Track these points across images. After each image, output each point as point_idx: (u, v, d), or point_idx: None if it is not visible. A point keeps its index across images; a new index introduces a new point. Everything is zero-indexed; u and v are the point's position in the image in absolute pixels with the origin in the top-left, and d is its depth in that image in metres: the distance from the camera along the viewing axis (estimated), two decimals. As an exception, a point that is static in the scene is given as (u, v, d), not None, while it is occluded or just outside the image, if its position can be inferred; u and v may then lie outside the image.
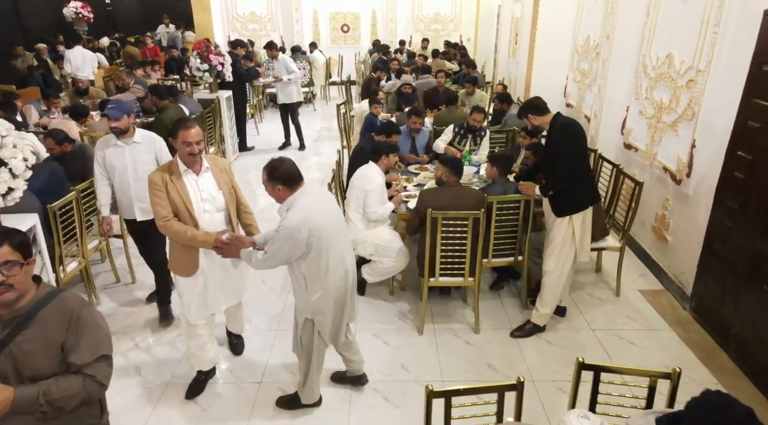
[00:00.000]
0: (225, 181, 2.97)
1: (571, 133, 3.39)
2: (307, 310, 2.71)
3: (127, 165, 3.53)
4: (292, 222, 2.48)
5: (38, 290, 1.83)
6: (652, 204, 4.55)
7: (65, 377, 1.78)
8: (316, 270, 2.59)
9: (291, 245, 2.50)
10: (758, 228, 3.22)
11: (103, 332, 1.87)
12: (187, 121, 2.85)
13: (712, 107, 3.74)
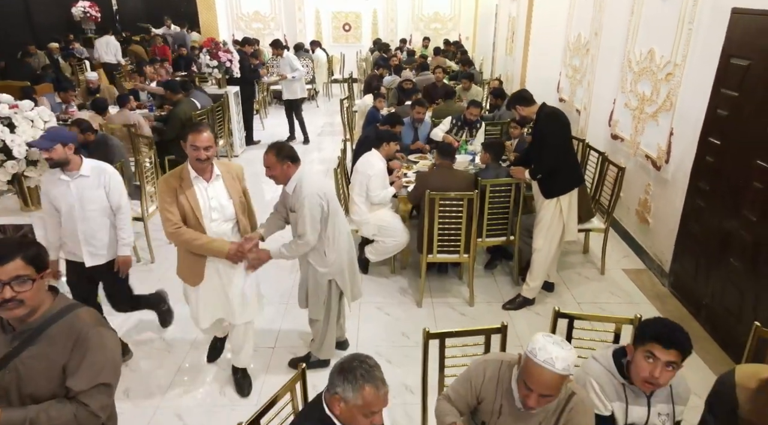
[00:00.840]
0: (236, 189, 2.85)
1: (556, 121, 3.72)
2: (329, 273, 3.06)
3: (73, 203, 2.92)
4: (311, 190, 2.82)
5: (53, 303, 1.74)
6: (635, 190, 4.88)
7: (58, 403, 1.69)
8: (332, 233, 2.95)
9: (317, 212, 2.84)
10: (726, 207, 3.55)
11: (109, 357, 1.75)
12: (198, 125, 2.72)
13: (687, 97, 4.07)
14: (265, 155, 2.86)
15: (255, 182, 7.03)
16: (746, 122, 3.35)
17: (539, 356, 1.69)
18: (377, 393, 1.63)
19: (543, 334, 1.74)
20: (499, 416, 1.86)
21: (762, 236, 3.19)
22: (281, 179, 2.90)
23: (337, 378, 1.66)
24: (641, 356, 1.87)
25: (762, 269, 3.19)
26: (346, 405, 1.64)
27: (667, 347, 1.81)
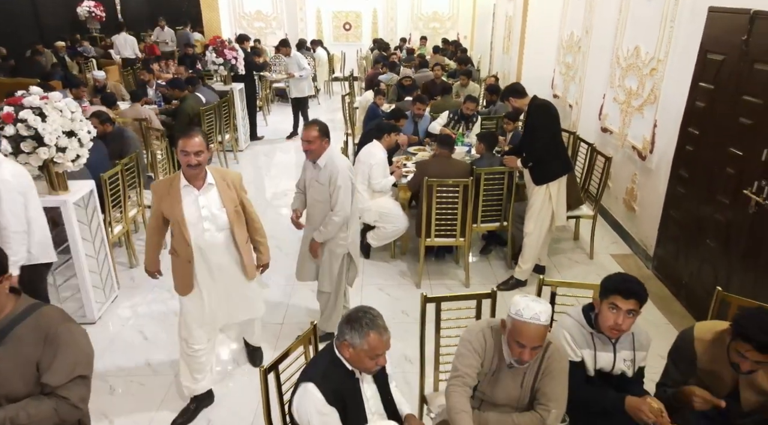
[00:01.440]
0: (231, 198, 2.75)
1: (545, 113, 3.98)
2: (345, 246, 3.34)
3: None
4: (343, 166, 3.16)
5: (16, 305, 1.76)
6: (623, 180, 5.15)
7: (36, 400, 1.71)
8: (352, 209, 3.25)
9: (348, 185, 3.15)
10: (703, 192, 3.81)
11: (82, 351, 1.78)
12: (190, 130, 2.62)
13: (669, 91, 4.33)
14: (307, 130, 3.10)
15: (258, 175, 7.32)
16: (721, 113, 3.61)
17: (525, 314, 1.94)
18: (381, 339, 1.89)
19: (521, 296, 2.00)
20: (494, 374, 2.12)
21: (733, 217, 3.45)
22: (317, 154, 3.14)
23: (345, 327, 1.93)
24: (606, 307, 2.13)
25: (733, 249, 3.45)
26: (354, 349, 1.90)
27: (626, 297, 2.08)
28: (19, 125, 3.16)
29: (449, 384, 2.07)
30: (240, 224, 2.82)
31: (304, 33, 13.62)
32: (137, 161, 4.65)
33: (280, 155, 8.11)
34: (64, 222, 3.52)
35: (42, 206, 3.14)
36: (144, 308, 4.07)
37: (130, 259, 4.62)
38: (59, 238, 3.61)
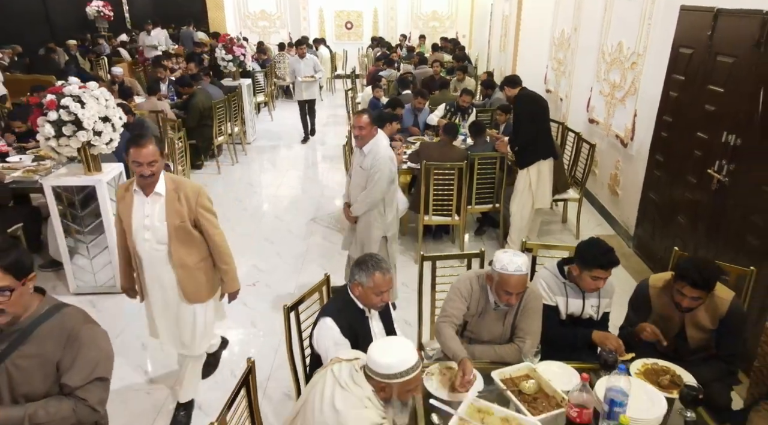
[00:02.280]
0: (178, 212, 2.51)
1: (528, 102, 4.39)
2: (384, 229, 3.68)
3: None
4: (386, 154, 3.51)
5: (41, 304, 1.78)
6: (607, 167, 5.54)
7: (56, 400, 1.72)
8: (391, 195, 3.61)
9: (387, 173, 3.47)
10: (675, 174, 4.20)
11: (102, 353, 1.79)
12: (141, 138, 2.45)
13: (647, 82, 4.71)
14: (359, 117, 3.46)
15: (265, 169, 7.68)
16: (689, 101, 4.00)
17: (510, 268, 2.31)
18: (384, 277, 2.27)
19: (502, 251, 2.38)
20: (480, 316, 2.51)
21: (700, 195, 3.84)
22: (366, 140, 3.50)
23: (355, 269, 2.32)
24: (589, 278, 2.50)
25: (699, 224, 3.84)
26: (363, 288, 2.29)
27: (607, 269, 2.46)
28: (61, 111, 3.55)
29: (439, 322, 2.46)
30: (184, 243, 2.57)
31: (307, 32, 14.01)
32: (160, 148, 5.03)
33: (285, 151, 8.46)
34: (98, 199, 3.91)
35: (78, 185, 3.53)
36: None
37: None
38: (92, 214, 4.00)
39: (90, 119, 3.61)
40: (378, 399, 1.83)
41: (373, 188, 3.52)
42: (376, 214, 3.66)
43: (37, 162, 4.79)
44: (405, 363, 1.79)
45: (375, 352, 1.84)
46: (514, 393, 2.14)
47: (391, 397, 1.83)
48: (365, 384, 1.85)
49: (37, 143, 5.23)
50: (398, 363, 1.78)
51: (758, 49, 3.21)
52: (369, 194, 3.56)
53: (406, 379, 1.79)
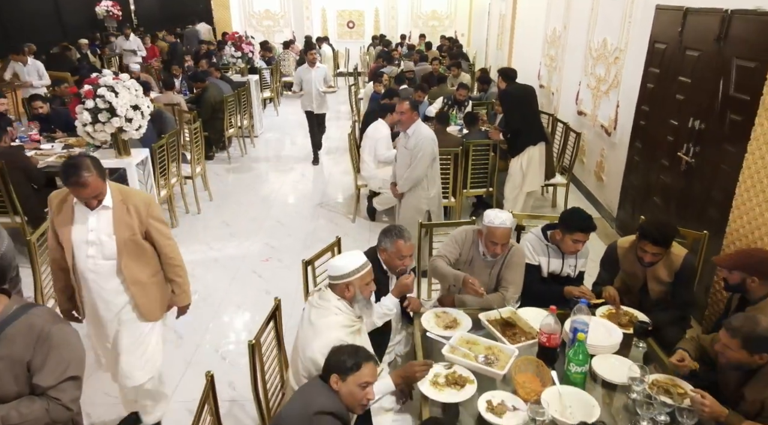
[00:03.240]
0: (128, 225, 2.37)
1: (514, 96, 4.83)
2: (428, 204, 4.11)
3: None
4: (428, 135, 3.96)
5: (6, 306, 1.75)
6: (594, 155, 5.95)
7: (28, 400, 1.71)
8: (433, 172, 4.07)
9: (429, 149, 3.91)
10: (651, 159, 4.61)
11: (74, 351, 1.78)
12: (75, 175, 2.18)
13: (628, 75, 5.13)
14: (402, 103, 3.97)
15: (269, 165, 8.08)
16: (663, 92, 4.41)
17: (496, 222, 2.74)
18: (405, 244, 2.67)
19: (489, 210, 2.80)
20: (470, 264, 2.93)
21: (671, 177, 4.25)
22: (407, 124, 4.01)
23: (381, 236, 2.72)
24: (570, 241, 2.91)
25: (671, 203, 4.25)
26: (387, 253, 2.69)
27: (586, 232, 2.88)
28: (97, 99, 3.97)
29: (433, 259, 2.94)
30: (134, 257, 2.43)
31: (310, 31, 14.43)
32: (177, 138, 5.46)
33: (290, 144, 8.87)
34: (128, 180, 4.32)
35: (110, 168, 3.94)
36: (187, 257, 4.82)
37: (171, 220, 5.42)
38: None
39: (123, 107, 4.02)
40: (345, 304, 2.26)
41: (417, 165, 4.01)
42: (419, 190, 4.14)
43: (66, 150, 5.20)
44: (356, 262, 2.28)
45: (332, 262, 2.34)
46: (496, 328, 2.55)
47: (354, 294, 2.27)
48: (331, 295, 2.28)
49: (63, 133, 5.68)
50: (351, 263, 2.27)
51: (718, 43, 3.62)
52: (413, 170, 4.04)
53: (361, 274, 2.26)
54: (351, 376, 1.83)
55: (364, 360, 1.88)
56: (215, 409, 1.95)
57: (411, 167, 4.04)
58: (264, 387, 2.27)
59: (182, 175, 5.66)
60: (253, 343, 2.15)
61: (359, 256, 2.33)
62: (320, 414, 1.77)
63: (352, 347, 1.98)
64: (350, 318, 2.26)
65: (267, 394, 2.30)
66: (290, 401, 1.95)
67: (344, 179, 6.89)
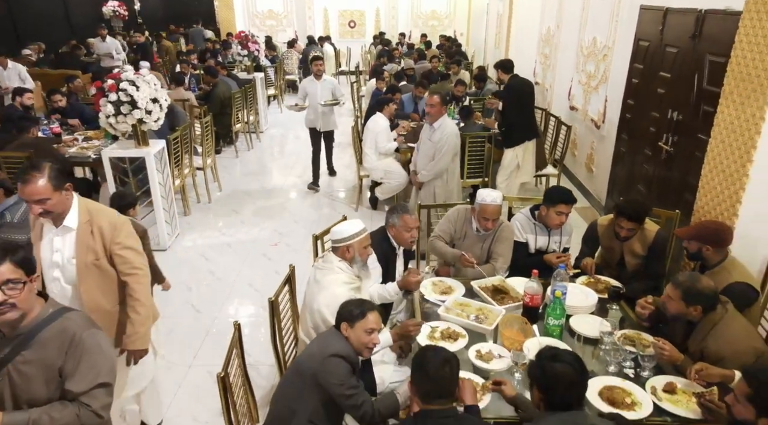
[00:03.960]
0: (91, 248, 2.23)
1: (517, 89, 5.12)
2: (445, 197, 4.43)
3: None
4: (453, 130, 4.28)
5: (43, 308, 1.76)
6: (584, 148, 6.26)
7: (59, 405, 1.71)
8: (454, 166, 4.41)
9: (453, 145, 4.22)
10: (636, 149, 4.92)
11: (105, 358, 1.78)
12: (24, 172, 2.11)
13: (616, 71, 5.43)
14: (432, 97, 4.29)
15: (272, 160, 8.40)
16: (646, 86, 4.72)
17: (487, 200, 3.06)
18: (411, 217, 2.99)
19: (481, 189, 3.12)
20: (464, 239, 3.24)
21: (653, 166, 4.56)
22: (435, 117, 4.31)
23: (388, 215, 3.05)
24: (554, 213, 3.22)
25: (654, 191, 4.56)
26: (396, 228, 3.01)
27: (568, 203, 3.19)
28: (120, 93, 4.28)
29: (432, 240, 3.29)
30: (97, 284, 2.27)
31: (312, 30, 14.74)
32: (190, 131, 5.78)
33: (294, 139, 9.16)
34: (147, 169, 4.63)
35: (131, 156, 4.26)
36: (201, 241, 5.19)
37: (184, 208, 5.73)
38: (141, 183, 4.73)
39: (143, 100, 4.33)
40: (346, 264, 2.60)
41: (441, 158, 4.33)
42: (439, 181, 4.45)
43: (86, 141, 5.52)
44: (356, 228, 2.64)
45: (335, 228, 2.68)
46: (487, 293, 2.87)
47: (354, 256, 2.60)
48: (333, 257, 2.62)
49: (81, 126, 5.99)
50: (351, 228, 2.63)
51: (693, 40, 3.93)
52: (436, 164, 4.35)
53: (360, 238, 2.61)
54: (358, 323, 2.13)
55: (369, 309, 2.18)
56: (241, 354, 2.26)
57: (435, 159, 4.35)
58: (281, 339, 2.59)
59: (194, 166, 5.98)
60: (272, 300, 2.46)
61: (358, 223, 2.68)
62: (333, 356, 2.07)
63: (358, 300, 2.28)
64: (350, 276, 2.60)
65: (284, 346, 2.62)
66: (309, 346, 2.26)
67: (347, 171, 7.20)
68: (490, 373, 2.28)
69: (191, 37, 14.79)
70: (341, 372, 2.06)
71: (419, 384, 1.79)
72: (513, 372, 2.30)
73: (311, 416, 2.06)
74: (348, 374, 2.10)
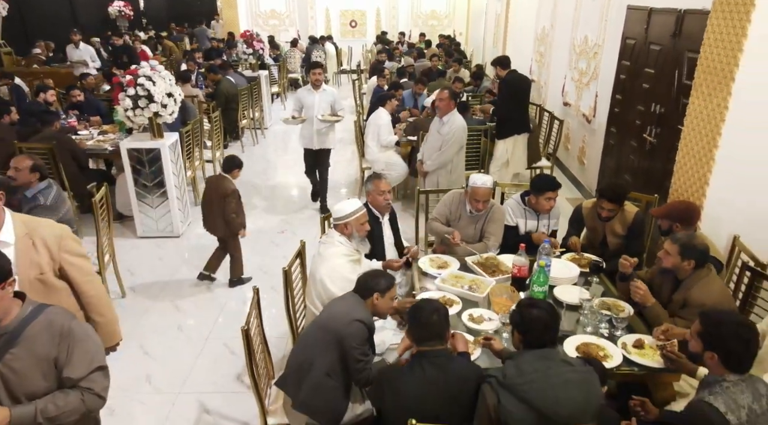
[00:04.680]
0: (36, 262, 2.15)
1: (513, 85, 5.40)
2: (448, 185, 4.63)
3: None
4: (461, 124, 4.57)
5: (23, 307, 1.80)
6: (577, 141, 6.55)
7: (62, 393, 1.77)
8: (459, 159, 4.71)
9: (459, 138, 4.52)
10: (623, 141, 5.21)
11: (95, 343, 1.86)
12: None
13: (605, 68, 5.72)
14: (442, 91, 4.58)
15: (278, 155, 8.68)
16: (633, 81, 5.01)
17: (478, 182, 3.35)
18: (381, 182, 3.33)
19: (473, 174, 3.40)
20: (458, 220, 3.53)
21: (639, 157, 4.84)
22: (445, 111, 4.58)
23: (365, 184, 3.33)
24: (543, 200, 3.51)
25: (639, 181, 4.84)
26: (371, 194, 3.31)
27: (554, 190, 3.48)
28: (138, 87, 4.57)
29: (430, 221, 3.63)
30: (43, 299, 2.03)
31: (314, 30, 15.03)
32: (200, 125, 6.07)
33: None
34: (162, 159, 4.92)
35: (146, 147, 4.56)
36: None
37: (195, 198, 6.01)
38: (156, 173, 5.01)
39: (159, 94, 4.62)
40: (346, 239, 2.91)
41: (447, 150, 4.63)
42: (443, 171, 4.75)
43: (102, 135, 5.80)
44: (353, 206, 2.94)
45: (335, 207, 2.99)
46: (480, 268, 3.16)
47: (352, 232, 2.92)
48: (334, 233, 2.94)
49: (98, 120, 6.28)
50: (349, 207, 2.94)
51: (674, 38, 4.21)
52: (442, 154, 4.65)
53: (357, 216, 2.93)
54: (388, 293, 2.43)
55: (393, 281, 2.50)
56: (260, 315, 2.55)
57: (441, 150, 4.64)
58: (293, 306, 2.88)
59: (204, 159, 6.26)
60: (285, 270, 2.75)
61: (356, 202, 3.00)
62: (357, 321, 2.34)
63: (383, 273, 2.59)
64: (349, 250, 2.90)
65: (295, 313, 2.91)
66: (333, 307, 2.50)
67: (350, 165, 7.49)
68: (481, 333, 2.57)
69: (197, 36, 15.10)
70: (361, 337, 2.34)
71: (414, 330, 2.08)
72: (501, 333, 2.59)
73: (328, 370, 2.34)
74: (365, 340, 2.38)
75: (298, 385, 2.36)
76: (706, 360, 1.88)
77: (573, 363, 1.96)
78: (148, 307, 4.16)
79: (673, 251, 2.60)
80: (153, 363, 3.53)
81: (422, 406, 1.90)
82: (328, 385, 2.33)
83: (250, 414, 2.98)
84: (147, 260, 4.86)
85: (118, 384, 3.13)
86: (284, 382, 2.44)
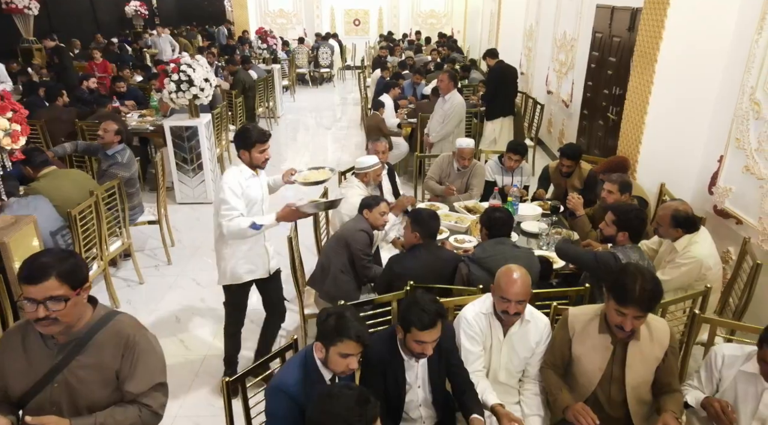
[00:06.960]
0: None
1: (499, 72, 6.26)
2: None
3: None
4: (460, 102, 5.48)
5: (94, 312, 1.78)
6: (558, 125, 7.41)
7: (121, 407, 1.76)
8: (459, 131, 5.60)
9: (458, 113, 5.43)
10: (592, 121, 6.07)
11: (159, 358, 1.85)
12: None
13: (579, 59, 6.58)
14: (444, 74, 5.47)
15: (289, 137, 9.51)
16: (600, 69, 5.87)
17: (463, 144, 4.22)
18: (378, 143, 4.18)
19: (459, 138, 4.27)
20: (449, 176, 4.40)
21: (604, 134, 5.70)
22: (446, 91, 5.48)
23: (367, 146, 4.20)
24: (507, 158, 4.36)
25: (605, 153, 5.69)
26: (370, 152, 4.16)
27: (515, 152, 4.34)
28: (180, 73, 5.43)
29: (426, 180, 4.48)
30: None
31: (320, 28, 15.89)
32: (225, 110, 6.94)
33: (305, 125, 10.32)
34: (199, 136, 5.78)
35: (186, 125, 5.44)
36: (239, 198, 6.33)
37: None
38: (193, 148, 5.87)
39: (198, 79, 5.49)
40: (363, 184, 3.75)
41: (448, 123, 5.54)
42: (446, 142, 5.63)
43: (142, 117, 6.68)
44: (372, 161, 3.80)
45: (357, 159, 3.83)
46: (464, 210, 4.02)
47: (369, 181, 3.76)
48: (354, 179, 3.80)
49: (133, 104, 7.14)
50: (369, 161, 3.80)
51: (629, 32, 5.07)
52: (444, 126, 5.57)
53: (374, 168, 3.76)
54: (375, 208, 3.29)
55: (380, 201, 3.34)
56: (292, 253, 3.42)
57: (443, 124, 5.56)
58: (302, 267, 3.69)
59: (228, 140, 7.13)
60: (290, 236, 3.56)
61: (374, 158, 3.85)
62: (361, 230, 3.21)
63: (372, 196, 3.45)
64: (365, 193, 3.76)
65: (303, 274, 3.75)
66: (344, 224, 3.38)
67: (356, 150, 8.34)
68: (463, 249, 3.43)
69: (216, 35, 16.02)
70: (363, 242, 3.21)
71: (414, 226, 2.92)
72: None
73: (342, 267, 3.21)
74: (367, 245, 3.25)
75: (323, 281, 3.24)
76: (618, 238, 2.73)
77: (520, 247, 2.83)
78: (193, 253, 5.02)
79: (614, 189, 3.44)
80: (204, 291, 4.39)
81: (419, 275, 2.76)
82: (343, 279, 3.21)
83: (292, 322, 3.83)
84: (186, 221, 5.72)
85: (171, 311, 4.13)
86: (313, 281, 3.32)
